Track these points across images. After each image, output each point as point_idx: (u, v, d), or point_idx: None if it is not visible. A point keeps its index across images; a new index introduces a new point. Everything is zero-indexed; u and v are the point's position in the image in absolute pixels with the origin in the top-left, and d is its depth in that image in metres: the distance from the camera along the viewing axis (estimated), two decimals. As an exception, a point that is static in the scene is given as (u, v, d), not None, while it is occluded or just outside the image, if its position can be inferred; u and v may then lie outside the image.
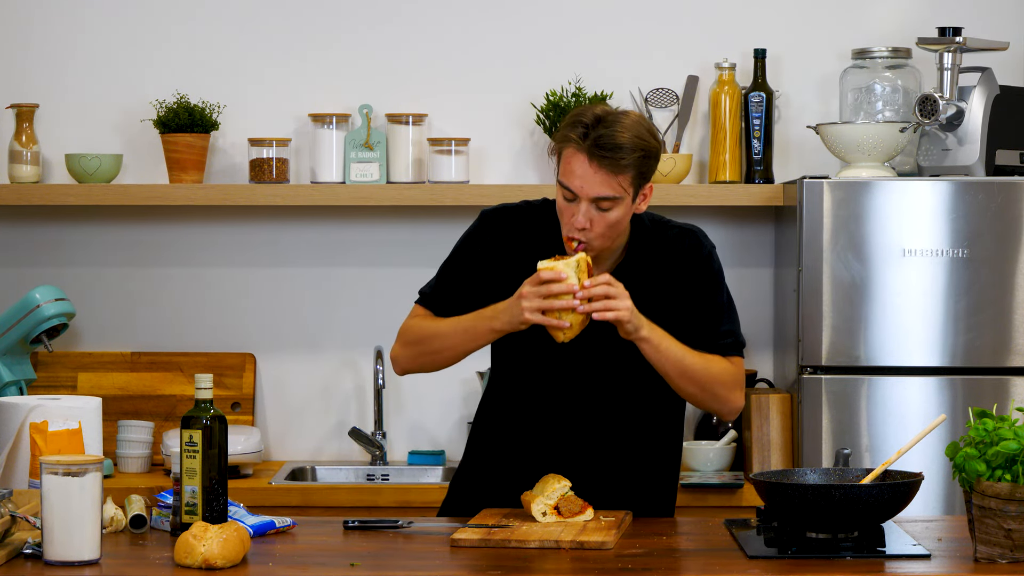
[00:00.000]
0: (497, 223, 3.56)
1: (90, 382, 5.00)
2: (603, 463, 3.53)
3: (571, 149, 3.34)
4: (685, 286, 3.51)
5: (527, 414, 3.56)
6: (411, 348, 3.55)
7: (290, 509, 4.39)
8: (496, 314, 3.39)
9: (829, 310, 4.47)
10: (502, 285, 3.47)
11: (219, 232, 5.07)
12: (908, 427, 4.42)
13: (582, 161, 3.33)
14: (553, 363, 3.51)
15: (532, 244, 3.51)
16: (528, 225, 3.55)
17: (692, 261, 3.52)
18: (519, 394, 3.57)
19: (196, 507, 3.18)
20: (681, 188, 4.85)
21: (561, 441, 3.53)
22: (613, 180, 3.33)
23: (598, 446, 3.54)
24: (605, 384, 3.53)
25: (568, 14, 5.03)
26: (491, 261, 3.54)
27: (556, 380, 3.53)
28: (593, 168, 3.32)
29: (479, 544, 3.16)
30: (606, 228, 3.37)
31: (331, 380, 5.07)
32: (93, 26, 5.04)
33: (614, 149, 3.31)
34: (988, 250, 4.45)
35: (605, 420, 3.54)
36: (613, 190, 3.33)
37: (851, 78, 4.83)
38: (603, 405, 3.53)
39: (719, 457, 4.75)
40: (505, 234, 3.54)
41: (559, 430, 3.54)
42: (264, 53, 5.04)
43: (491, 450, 3.62)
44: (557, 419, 3.54)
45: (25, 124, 4.94)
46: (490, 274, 3.53)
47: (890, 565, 3.01)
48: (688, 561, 3.07)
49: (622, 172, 3.32)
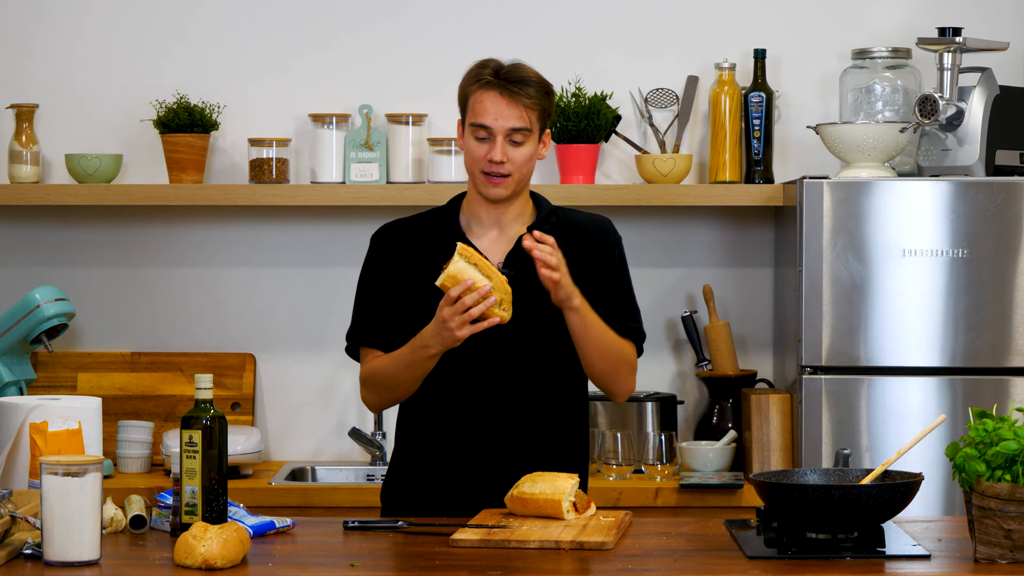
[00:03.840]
0: (387, 239, 3.72)
1: (90, 382, 5.00)
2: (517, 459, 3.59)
3: (482, 90, 3.58)
4: (593, 263, 3.65)
5: (448, 403, 3.63)
6: (372, 392, 3.69)
7: (290, 509, 4.39)
8: (427, 342, 3.49)
9: (829, 310, 4.47)
10: (412, 294, 3.61)
11: (219, 232, 5.07)
12: (908, 427, 4.42)
13: (494, 97, 3.57)
14: (471, 357, 3.57)
15: (427, 249, 3.64)
16: (419, 232, 3.69)
17: (602, 242, 3.69)
18: (440, 390, 3.63)
19: (196, 507, 3.18)
20: (681, 188, 4.86)
21: (480, 434, 3.62)
22: (524, 112, 3.56)
23: (514, 425, 3.61)
24: (519, 361, 3.61)
25: (568, 14, 5.03)
26: (394, 276, 3.67)
27: (474, 363, 3.60)
28: (505, 101, 3.56)
29: (479, 544, 3.16)
30: (521, 162, 3.57)
31: (331, 380, 5.07)
32: (93, 26, 5.04)
33: (522, 82, 3.57)
34: (988, 250, 4.45)
35: (519, 413, 3.62)
36: (524, 122, 3.55)
37: (851, 78, 4.83)
38: (517, 398, 3.61)
39: (719, 457, 4.75)
40: (398, 246, 3.69)
41: (479, 412, 3.62)
42: (264, 53, 5.04)
43: (419, 442, 3.69)
44: (477, 401, 3.62)
45: (25, 124, 4.94)
46: (398, 288, 3.66)
47: (890, 565, 3.01)
48: (688, 561, 3.07)
49: (530, 107, 3.56)
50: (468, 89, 3.61)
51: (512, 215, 3.65)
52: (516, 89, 3.55)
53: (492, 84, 3.57)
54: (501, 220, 3.65)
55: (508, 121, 3.55)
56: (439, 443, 3.64)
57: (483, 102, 3.57)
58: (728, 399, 4.93)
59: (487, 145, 3.57)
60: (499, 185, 3.57)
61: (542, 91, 3.58)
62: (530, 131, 3.57)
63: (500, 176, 3.57)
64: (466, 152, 3.62)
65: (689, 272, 5.06)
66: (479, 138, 3.58)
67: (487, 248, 3.61)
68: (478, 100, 3.58)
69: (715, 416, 4.93)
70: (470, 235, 3.64)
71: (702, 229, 5.05)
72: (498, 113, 3.56)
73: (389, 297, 3.66)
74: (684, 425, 5.03)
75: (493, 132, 3.56)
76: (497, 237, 3.65)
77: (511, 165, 3.57)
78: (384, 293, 3.67)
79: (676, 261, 5.06)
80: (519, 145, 3.57)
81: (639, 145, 5.00)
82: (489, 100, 3.57)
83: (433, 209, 3.74)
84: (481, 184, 3.59)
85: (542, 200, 3.71)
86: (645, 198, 4.84)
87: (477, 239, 3.64)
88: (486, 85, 3.57)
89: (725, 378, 4.94)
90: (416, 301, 3.59)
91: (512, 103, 3.55)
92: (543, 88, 3.59)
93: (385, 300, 3.66)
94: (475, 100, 3.59)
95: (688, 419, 5.05)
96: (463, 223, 3.67)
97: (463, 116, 3.64)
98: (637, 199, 4.83)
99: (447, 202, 3.73)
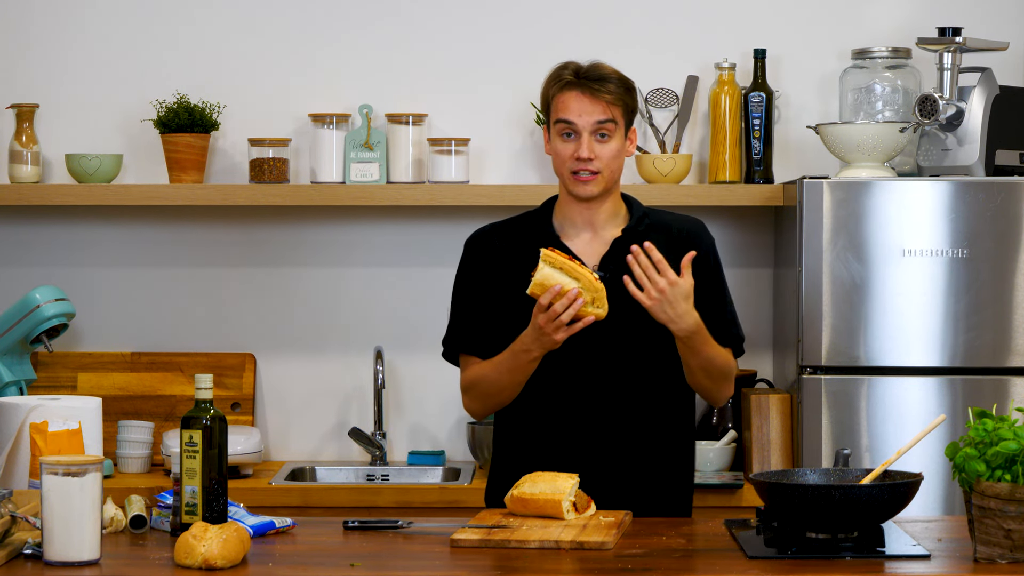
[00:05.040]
0: (481, 244, 3.71)
1: (90, 382, 5.00)
2: (621, 459, 3.59)
3: (564, 91, 3.59)
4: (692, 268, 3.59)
5: (547, 410, 3.62)
6: (475, 400, 3.70)
7: (290, 509, 4.39)
8: (528, 346, 3.51)
9: (829, 310, 4.47)
10: (508, 299, 3.60)
11: (219, 232, 5.07)
12: (908, 427, 4.42)
13: (577, 95, 3.58)
14: (569, 357, 3.57)
15: (521, 252, 3.62)
16: (512, 236, 3.68)
17: (697, 245, 3.64)
18: (538, 392, 3.62)
19: (196, 507, 3.18)
20: (681, 188, 4.86)
21: (581, 437, 3.60)
22: (607, 107, 3.58)
23: (615, 441, 3.60)
24: (621, 376, 3.59)
25: (568, 14, 5.03)
26: (489, 281, 3.66)
27: (574, 364, 3.59)
28: (588, 98, 3.57)
29: (479, 544, 3.16)
30: (609, 158, 3.58)
31: (331, 380, 5.07)
32: (93, 26, 5.04)
33: (602, 79, 3.58)
34: (988, 250, 4.45)
35: (620, 414, 3.60)
36: (608, 115, 3.57)
37: (851, 78, 4.83)
38: (618, 399, 3.60)
39: (719, 457, 4.75)
40: (492, 251, 3.68)
41: (579, 426, 3.60)
42: (264, 53, 5.04)
43: (517, 447, 3.68)
44: (577, 415, 3.60)
45: (25, 124, 4.94)
46: (494, 293, 3.64)
47: (890, 565, 3.01)
48: (688, 561, 3.07)
49: (613, 102, 3.58)
50: (550, 92, 3.62)
51: (604, 216, 3.64)
52: (597, 86, 3.56)
53: (573, 84, 3.58)
54: (594, 221, 3.64)
55: (592, 116, 3.56)
56: (541, 445, 3.62)
57: (566, 101, 3.58)
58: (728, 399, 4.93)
59: (574, 143, 3.58)
60: (589, 183, 3.58)
61: (623, 87, 3.60)
62: (615, 124, 3.58)
63: (589, 173, 3.57)
64: (554, 154, 3.62)
65: (689, 272, 5.05)
66: (565, 136, 3.58)
67: (582, 251, 3.61)
68: (561, 101, 3.59)
69: (715, 416, 4.93)
70: (564, 238, 3.64)
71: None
72: (581, 109, 3.57)
73: (485, 303, 3.65)
74: (686, 424, 5.02)
75: (578, 129, 3.57)
76: (591, 239, 3.64)
77: (599, 162, 3.57)
78: (480, 299, 3.66)
79: (676, 261, 5.05)
80: (605, 140, 3.57)
81: (639, 145, 5.00)
82: (572, 99, 3.58)
83: (526, 212, 3.74)
84: (571, 184, 3.59)
85: (634, 202, 3.71)
86: (645, 198, 4.80)
87: (571, 241, 3.63)
88: (568, 85, 3.59)
89: (725, 378, 4.93)
90: (513, 305, 3.59)
91: (595, 100, 3.56)
92: (624, 84, 3.60)
93: (482, 306, 3.66)
94: (558, 101, 3.60)
95: (688, 419, 5.05)
96: (556, 226, 3.66)
97: (547, 120, 3.64)
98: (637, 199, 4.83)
99: (540, 204, 3.72)
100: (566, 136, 3.58)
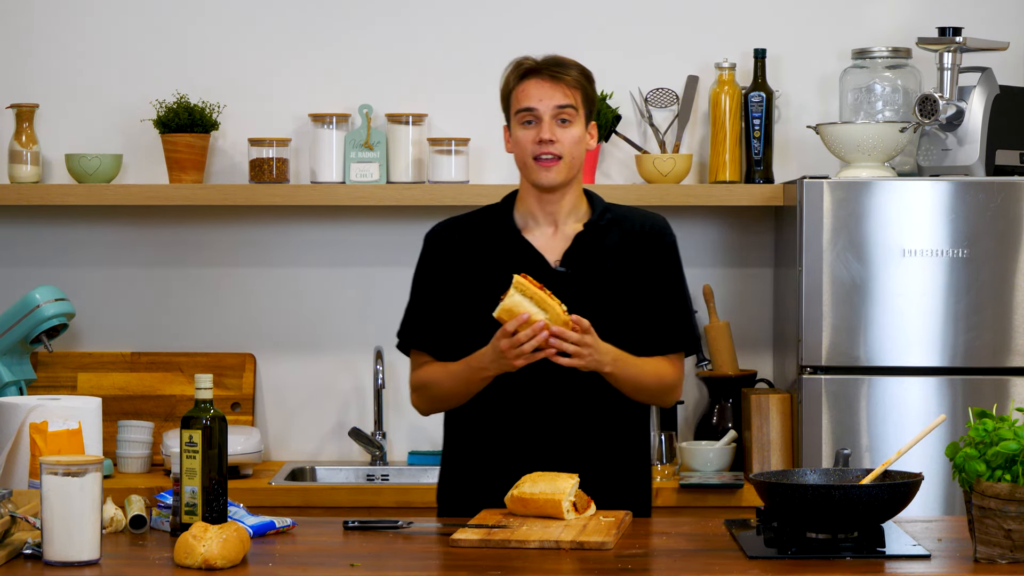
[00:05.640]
0: (441, 239, 3.69)
1: (90, 382, 5.00)
2: (574, 460, 3.57)
3: (524, 80, 3.59)
4: (648, 263, 3.63)
5: (499, 413, 3.61)
6: (423, 400, 3.70)
7: (290, 509, 4.39)
8: (485, 364, 3.51)
9: (829, 310, 4.46)
10: (467, 295, 3.60)
11: (219, 232, 5.07)
12: (908, 427, 4.42)
13: (537, 82, 3.58)
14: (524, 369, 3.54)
15: (482, 248, 3.63)
16: (473, 230, 3.67)
17: (658, 242, 3.66)
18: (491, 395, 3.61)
19: (196, 507, 3.18)
20: (681, 188, 4.85)
21: (534, 439, 3.59)
22: (568, 91, 3.57)
23: (567, 444, 3.59)
24: (574, 381, 3.57)
25: (568, 14, 5.03)
26: (448, 276, 3.65)
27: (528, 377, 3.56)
28: (548, 84, 3.57)
29: (479, 544, 3.16)
30: (571, 144, 3.58)
31: (331, 380, 5.07)
32: (93, 26, 5.04)
33: (562, 65, 3.59)
34: (988, 250, 4.45)
35: (573, 417, 3.59)
36: (569, 99, 3.57)
37: (851, 78, 4.83)
38: (571, 402, 3.59)
39: (719, 457, 4.75)
40: (452, 246, 3.66)
41: (532, 428, 3.59)
42: (264, 53, 5.04)
43: (472, 451, 3.67)
44: (529, 417, 3.59)
45: (25, 124, 4.94)
46: (452, 288, 3.63)
47: (890, 565, 3.01)
48: (688, 561, 3.07)
49: (573, 86, 3.58)
50: (510, 83, 3.62)
51: (566, 210, 3.63)
52: (557, 71, 3.57)
53: (533, 71, 3.59)
54: (555, 215, 3.63)
55: (553, 100, 3.56)
56: (494, 443, 3.62)
57: (526, 89, 3.58)
58: (728, 399, 4.93)
59: (535, 129, 3.57)
60: (551, 168, 3.56)
61: (583, 75, 3.60)
62: (576, 110, 3.57)
63: (552, 157, 3.56)
64: (515, 144, 3.60)
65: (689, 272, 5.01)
66: (526, 123, 3.58)
67: (543, 246, 3.60)
68: (521, 90, 3.59)
69: (715, 416, 4.93)
70: (525, 232, 3.63)
71: (702, 229, 5.05)
72: (542, 95, 3.57)
73: (443, 298, 3.64)
74: (684, 425, 5.03)
75: (539, 114, 3.56)
76: (553, 234, 3.63)
77: (561, 146, 3.56)
78: (438, 294, 3.65)
79: (676, 261, 5.05)
80: (566, 126, 3.57)
81: (639, 145, 5.00)
82: (532, 86, 3.58)
83: (486, 207, 3.72)
84: (533, 171, 3.58)
85: (595, 197, 3.69)
86: (645, 198, 4.83)
87: (533, 236, 3.62)
88: (528, 74, 3.60)
89: (725, 378, 4.94)
90: (472, 302, 3.58)
91: (555, 84, 3.57)
92: (583, 72, 3.61)
93: (438, 301, 3.65)
94: (518, 91, 3.60)
95: (688, 419, 5.05)
96: (518, 221, 3.65)
97: (507, 112, 3.63)
98: (637, 199, 4.83)
99: (501, 199, 3.71)
100: (527, 124, 3.58)
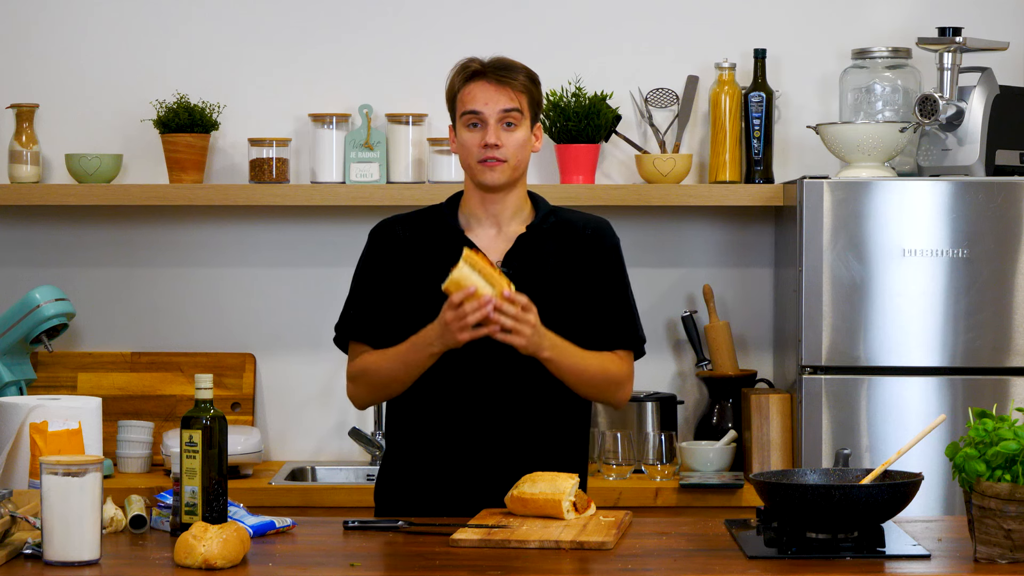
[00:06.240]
0: (386, 235, 3.70)
1: (90, 382, 5.00)
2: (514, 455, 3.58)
3: (470, 82, 3.60)
4: (591, 266, 3.65)
5: (442, 400, 3.62)
6: (361, 388, 3.68)
7: (290, 509, 4.39)
8: (430, 340, 3.50)
9: (829, 310, 4.47)
10: (409, 292, 3.61)
11: (219, 232, 5.07)
12: (908, 427, 4.42)
13: (483, 85, 3.59)
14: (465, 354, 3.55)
15: (426, 246, 3.64)
16: (418, 229, 3.68)
17: (600, 244, 3.68)
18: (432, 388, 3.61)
19: (196, 507, 3.18)
20: (681, 188, 4.86)
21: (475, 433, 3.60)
22: (514, 95, 3.58)
23: (508, 438, 3.60)
24: (515, 373, 3.58)
25: (568, 14, 5.03)
26: (391, 272, 3.65)
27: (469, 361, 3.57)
28: (493, 87, 3.58)
29: (479, 544, 3.16)
30: (516, 147, 3.58)
31: (331, 380, 5.07)
32: (93, 26, 5.04)
33: (508, 68, 3.60)
34: (988, 250, 4.45)
35: (515, 410, 3.60)
36: (515, 103, 3.58)
37: (851, 78, 4.83)
38: (512, 395, 3.60)
39: (719, 457, 4.75)
40: (396, 243, 3.67)
41: (473, 423, 3.60)
42: (264, 53, 5.04)
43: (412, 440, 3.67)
44: (471, 411, 3.60)
45: (25, 124, 4.94)
46: (394, 284, 3.64)
47: (890, 565, 3.01)
48: (688, 561, 3.07)
49: (519, 90, 3.59)
50: (455, 85, 3.63)
51: (510, 211, 3.65)
52: (503, 75, 3.58)
53: (479, 74, 3.59)
54: (499, 216, 3.64)
55: (499, 104, 3.57)
56: (433, 441, 3.63)
57: (472, 92, 3.59)
58: (728, 399, 4.93)
59: (480, 132, 3.58)
60: (496, 169, 3.57)
61: (529, 79, 3.61)
62: (521, 114, 3.59)
63: (496, 160, 3.57)
64: (460, 147, 3.61)
65: (689, 272, 5.07)
66: (471, 126, 3.59)
67: (486, 246, 3.61)
68: (467, 92, 3.60)
69: (715, 416, 4.93)
70: (468, 232, 3.64)
71: (702, 229, 5.05)
72: (487, 98, 3.57)
73: (384, 293, 3.65)
74: (684, 425, 5.03)
75: (485, 117, 3.57)
76: (496, 235, 3.64)
77: (506, 150, 3.57)
78: (379, 289, 3.66)
79: (676, 261, 5.06)
80: (512, 129, 3.58)
81: (639, 145, 5.00)
82: (478, 89, 3.59)
83: (432, 206, 3.73)
84: (478, 172, 3.59)
85: (540, 200, 3.70)
86: (645, 198, 4.84)
87: (476, 237, 3.63)
88: (473, 76, 3.60)
89: (725, 378, 4.94)
90: (412, 299, 3.60)
91: (500, 88, 3.57)
92: (530, 76, 3.62)
93: (380, 296, 3.65)
94: (464, 93, 3.60)
95: (688, 419, 5.05)
96: (462, 221, 3.66)
97: (453, 115, 3.64)
98: (637, 199, 4.83)
99: (446, 200, 3.72)
100: (472, 127, 3.58)
